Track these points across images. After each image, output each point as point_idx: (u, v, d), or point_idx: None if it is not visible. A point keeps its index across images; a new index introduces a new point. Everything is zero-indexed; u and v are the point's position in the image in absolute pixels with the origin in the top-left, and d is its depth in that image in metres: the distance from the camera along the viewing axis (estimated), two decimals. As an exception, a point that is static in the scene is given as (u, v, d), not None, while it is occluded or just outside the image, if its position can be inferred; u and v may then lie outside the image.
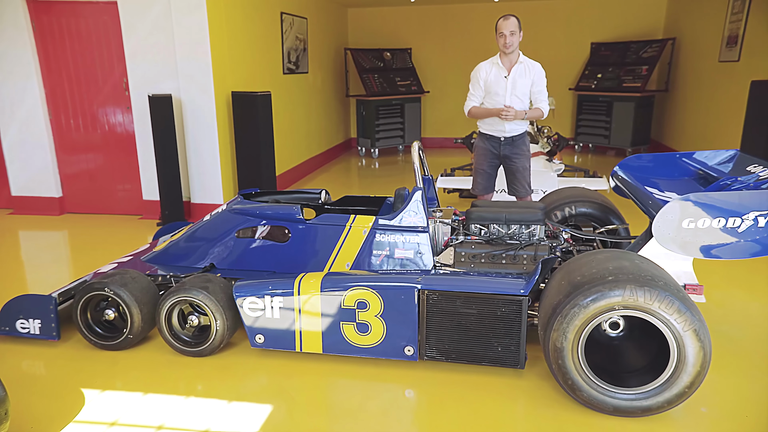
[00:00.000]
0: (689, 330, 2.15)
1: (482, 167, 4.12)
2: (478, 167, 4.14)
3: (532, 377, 2.64)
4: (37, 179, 5.63)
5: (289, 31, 6.94)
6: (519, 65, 3.85)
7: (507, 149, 4.00)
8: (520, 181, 4.06)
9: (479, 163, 4.13)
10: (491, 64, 3.93)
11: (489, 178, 4.14)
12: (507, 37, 3.73)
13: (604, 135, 8.87)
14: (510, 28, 3.72)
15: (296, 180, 7.33)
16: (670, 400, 2.23)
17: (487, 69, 3.93)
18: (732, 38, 6.40)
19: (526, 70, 3.86)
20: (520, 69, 3.85)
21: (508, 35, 3.73)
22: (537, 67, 3.88)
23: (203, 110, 5.21)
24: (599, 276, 2.26)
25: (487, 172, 4.12)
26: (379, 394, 2.58)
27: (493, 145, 4.03)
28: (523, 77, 3.85)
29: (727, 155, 3.21)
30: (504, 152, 4.02)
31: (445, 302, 2.59)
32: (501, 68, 3.87)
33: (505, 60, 3.87)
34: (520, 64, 3.86)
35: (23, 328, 2.97)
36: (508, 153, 4.01)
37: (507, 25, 3.73)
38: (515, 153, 4.00)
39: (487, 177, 4.14)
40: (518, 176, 4.05)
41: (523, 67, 3.86)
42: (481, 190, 4.18)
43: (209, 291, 2.76)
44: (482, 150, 4.09)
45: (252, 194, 3.58)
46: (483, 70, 3.94)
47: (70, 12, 5.21)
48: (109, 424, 2.35)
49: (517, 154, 4.00)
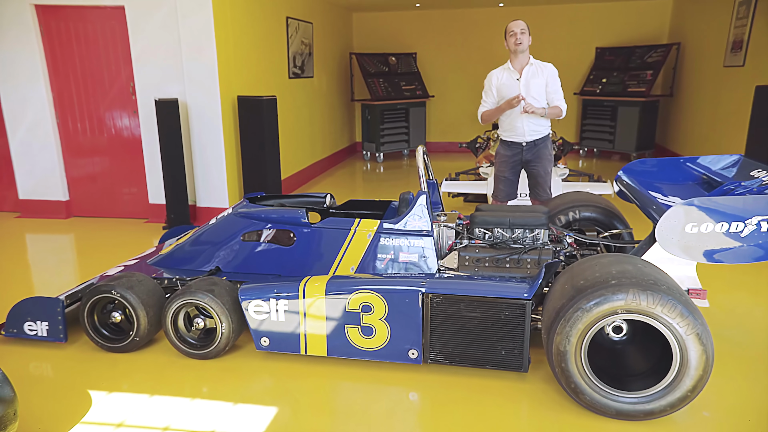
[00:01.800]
0: (692, 334, 2.15)
1: (504, 174, 4.11)
2: (500, 174, 4.14)
3: (536, 381, 2.65)
4: (44, 183, 5.68)
5: (294, 36, 6.99)
6: (530, 67, 3.88)
7: (529, 154, 4.00)
8: (542, 185, 4.06)
9: (501, 170, 4.13)
10: (502, 69, 3.97)
11: (511, 184, 4.15)
12: (518, 35, 3.78)
13: (609, 140, 8.87)
14: (520, 27, 3.79)
15: (301, 184, 7.36)
16: (673, 403, 2.24)
17: (498, 75, 3.97)
18: (737, 43, 6.40)
19: (538, 71, 3.88)
20: (532, 70, 3.88)
21: (519, 33, 3.78)
22: (549, 67, 3.91)
23: (209, 114, 5.25)
24: (602, 280, 2.27)
25: (509, 179, 4.12)
26: (383, 396, 2.60)
27: (515, 152, 4.03)
28: (536, 78, 3.87)
29: (731, 160, 3.21)
30: (526, 157, 4.02)
31: (449, 306, 2.60)
32: (512, 72, 3.90)
33: (516, 63, 3.89)
34: (531, 65, 3.88)
35: (31, 331, 3.00)
36: (530, 158, 4.01)
37: (517, 24, 3.81)
38: (537, 157, 4.00)
39: (510, 184, 4.14)
40: (540, 180, 4.05)
41: (534, 68, 3.88)
42: (504, 197, 4.18)
43: (215, 294, 2.79)
44: (504, 158, 4.09)
45: (257, 198, 3.60)
46: (495, 77, 3.98)
47: (78, 16, 5.27)
48: (116, 426, 2.37)
49: (539, 158, 4.00)
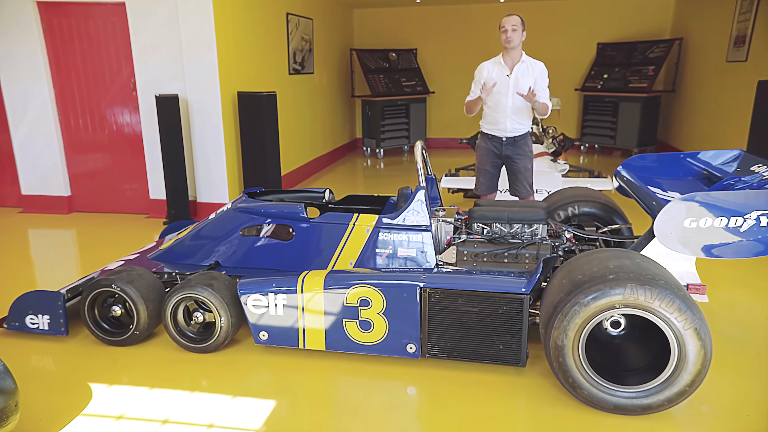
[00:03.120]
0: (690, 328, 2.16)
1: (484, 167, 4.13)
2: (481, 167, 4.16)
3: (533, 375, 2.66)
4: (47, 178, 5.70)
5: (294, 32, 6.98)
6: (521, 64, 3.87)
7: (509, 149, 4.02)
8: (521, 181, 4.07)
9: (481, 162, 4.15)
10: (493, 63, 3.95)
11: (492, 177, 4.16)
12: (508, 32, 3.76)
13: (610, 136, 8.84)
14: (512, 23, 3.76)
15: (301, 180, 7.37)
16: (671, 398, 2.24)
17: (489, 68, 3.95)
18: (740, 38, 6.38)
19: (528, 68, 3.87)
20: (523, 68, 3.87)
21: (510, 30, 3.76)
22: (540, 65, 3.90)
23: (209, 110, 5.25)
24: (600, 274, 2.27)
25: (489, 171, 4.14)
26: (381, 391, 2.61)
27: (494, 145, 4.05)
28: (525, 76, 3.86)
29: (732, 155, 3.20)
30: (506, 152, 4.03)
31: (447, 300, 2.60)
32: (503, 67, 3.89)
33: (508, 59, 3.88)
34: (523, 63, 3.87)
35: (32, 324, 3.02)
36: (509, 153, 4.02)
37: (509, 20, 3.77)
38: (517, 153, 4.01)
39: (490, 177, 4.15)
40: (519, 177, 4.06)
41: (525, 66, 3.87)
42: (484, 190, 4.20)
43: (214, 288, 2.80)
44: (484, 150, 4.11)
45: (257, 193, 3.61)
46: (485, 69, 3.96)
47: (80, 13, 5.27)
48: (116, 418, 2.39)
49: (518, 154, 4.01)
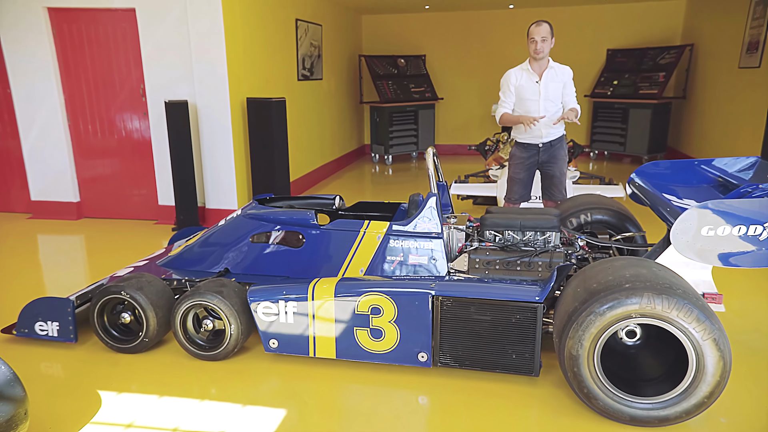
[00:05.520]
0: (709, 339, 2.11)
1: (519, 176, 4.11)
2: (515, 176, 4.14)
3: (547, 385, 2.62)
4: (56, 184, 5.72)
5: (303, 38, 7.00)
6: (550, 70, 3.89)
7: (545, 155, 4.02)
8: (557, 186, 4.06)
9: (516, 172, 4.13)
10: (521, 70, 3.96)
11: (526, 186, 4.15)
12: (538, 43, 3.78)
13: (620, 142, 8.79)
14: (542, 34, 3.77)
15: (310, 186, 7.36)
16: (689, 410, 2.19)
17: (517, 75, 3.96)
18: (753, 44, 6.32)
19: (557, 74, 3.90)
20: (551, 74, 3.89)
21: (539, 41, 3.78)
22: (567, 70, 3.95)
23: (218, 116, 5.26)
24: (616, 283, 2.23)
25: (524, 180, 4.13)
26: (391, 399, 2.57)
27: (531, 154, 4.04)
28: (554, 81, 3.89)
29: (748, 162, 3.15)
30: (542, 158, 4.03)
31: (459, 309, 2.57)
32: (532, 74, 3.90)
33: (536, 66, 3.90)
34: (551, 69, 3.90)
35: (42, 331, 3.01)
36: (546, 158, 4.02)
37: (539, 31, 3.78)
38: (554, 157, 4.01)
39: (524, 185, 4.15)
40: (555, 181, 4.06)
41: (554, 72, 3.90)
42: (518, 199, 4.18)
43: (224, 295, 2.78)
44: (520, 159, 4.09)
45: (266, 200, 3.60)
46: (513, 76, 3.97)
47: (90, 19, 5.30)
48: (125, 426, 2.37)
49: (555, 158, 4.02)
